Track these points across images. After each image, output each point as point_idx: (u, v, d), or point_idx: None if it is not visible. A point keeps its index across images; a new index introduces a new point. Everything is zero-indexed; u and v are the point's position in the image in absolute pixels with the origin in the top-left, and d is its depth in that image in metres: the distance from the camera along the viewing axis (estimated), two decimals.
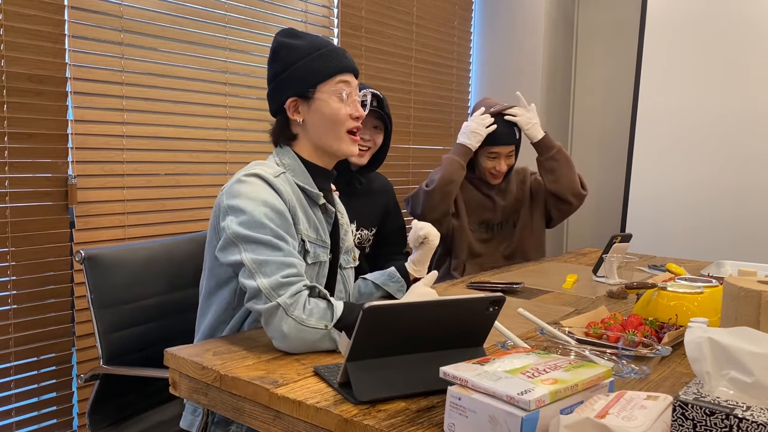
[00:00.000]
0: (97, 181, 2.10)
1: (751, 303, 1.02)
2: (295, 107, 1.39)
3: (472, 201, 2.45)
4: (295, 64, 1.37)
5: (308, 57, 1.37)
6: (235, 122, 2.50)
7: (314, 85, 1.37)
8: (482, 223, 2.47)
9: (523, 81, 3.64)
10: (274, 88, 1.41)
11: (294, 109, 1.39)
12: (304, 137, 1.41)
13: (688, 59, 3.20)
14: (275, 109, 1.43)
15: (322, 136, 1.39)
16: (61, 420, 2.07)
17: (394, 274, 1.61)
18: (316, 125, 1.39)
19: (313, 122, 1.39)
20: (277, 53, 1.40)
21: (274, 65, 1.41)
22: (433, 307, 1.01)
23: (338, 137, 1.39)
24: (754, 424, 0.68)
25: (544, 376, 0.83)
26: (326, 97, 1.37)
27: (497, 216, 2.47)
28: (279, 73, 1.39)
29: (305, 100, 1.38)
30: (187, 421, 1.37)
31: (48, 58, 1.96)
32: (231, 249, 1.25)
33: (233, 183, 1.31)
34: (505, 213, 2.48)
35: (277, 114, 1.44)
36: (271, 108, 1.44)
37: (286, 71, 1.38)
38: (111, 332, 1.60)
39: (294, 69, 1.37)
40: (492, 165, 2.38)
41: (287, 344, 1.18)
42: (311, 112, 1.38)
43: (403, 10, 3.25)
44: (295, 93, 1.38)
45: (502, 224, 2.50)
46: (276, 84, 1.40)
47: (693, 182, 3.20)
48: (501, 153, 2.37)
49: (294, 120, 1.40)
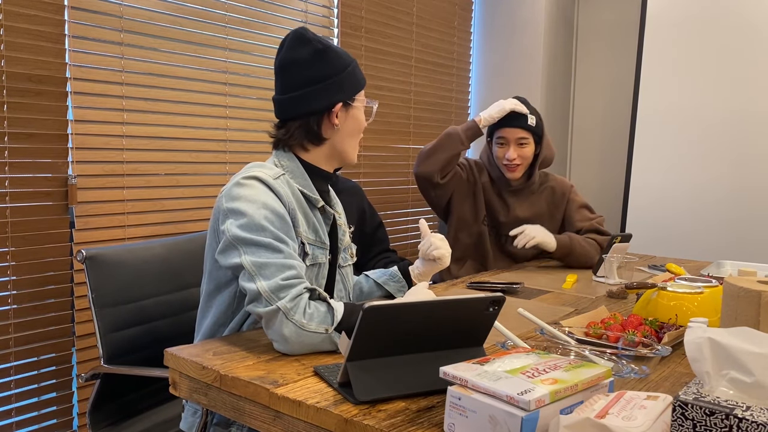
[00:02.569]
0: (97, 181, 2.10)
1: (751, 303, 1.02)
2: (337, 112, 1.40)
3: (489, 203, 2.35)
4: (345, 69, 1.40)
5: (352, 65, 1.42)
6: (235, 122, 2.50)
7: (356, 93, 1.43)
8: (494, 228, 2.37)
9: (523, 81, 3.65)
10: (316, 90, 1.38)
11: (336, 114, 1.40)
12: (329, 142, 1.43)
13: (688, 59, 3.20)
14: (308, 112, 1.39)
15: (347, 143, 1.44)
16: (61, 420, 2.07)
17: (396, 274, 1.61)
18: (347, 132, 1.43)
19: (345, 129, 1.43)
20: (326, 55, 1.38)
21: (319, 66, 1.38)
22: (433, 307, 1.01)
23: (354, 146, 1.46)
24: (754, 424, 0.68)
25: (544, 376, 0.83)
26: (359, 107, 1.44)
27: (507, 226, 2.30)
28: (328, 76, 1.38)
29: (346, 107, 1.41)
30: (187, 423, 1.37)
31: (48, 58, 1.96)
32: (231, 252, 1.25)
33: (232, 186, 1.31)
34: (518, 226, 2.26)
35: (304, 116, 1.39)
36: (301, 109, 1.39)
37: (338, 75, 1.39)
38: (111, 332, 1.60)
39: (345, 74, 1.40)
40: (502, 153, 2.26)
41: (288, 347, 1.18)
42: (348, 119, 1.42)
43: (403, 10, 3.25)
44: (345, 97, 1.40)
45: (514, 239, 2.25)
46: (325, 85, 1.38)
47: (693, 182, 3.20)
48: (509, 138, 2.24)
49: (333, 124, 1.40)
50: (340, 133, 1.42)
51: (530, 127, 2.24)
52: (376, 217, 2.24)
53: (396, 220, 3.33)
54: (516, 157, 2.25)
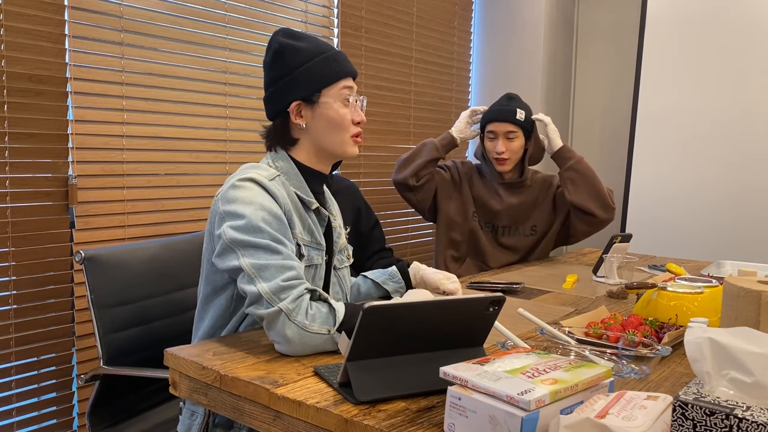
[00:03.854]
0: (97, 181, 2.10)
1: (751, 303, 1.02)
2: (298, 111, 1.38)
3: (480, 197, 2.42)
4: (300, 67, 1.36)
5: (313, 60, 1.36)
6: (235, 122, 2.50)
7: (320, 90, 1.36)
8: (488, 223, 2.43)
9: (523, 81, 3.65)
10: (276, 90, 1.38)
11: (297, 113, 1.38)
12: (306, 141, 1.40)
13: (688, 59, 3.20)
14: (275, 113, 1.41)
15: (326, 140, 1.39)
16: (61, 420, 2.07)
17: (395, 274, 1.60)
18: (320, 130, 1.38)
19: (317, 127, 1.38)
20: (281, 55, 1.37)
21: (277, 67, 1.38)
22: (433, 307, 1.01)
23: (343, 141, 1.40)
24: (754, 424, 0.68)
25: (544, 376, 0.83)
26: (332, 102, 1.37)
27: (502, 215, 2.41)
28: (283, 76, 1.37)
29: (309, 105, 1.37)
30: (184, 426, 1.36)
31: (48, 58, 1.96)
32: (228, 255, 1.24)
33: (228, 188, 1.29)
34: (512, 212, 2.41)
35: (276, 117, 1.41)
36: (270, 111, 1.42)
37: (291, 74, 1.36)
38: (111, 333, 1.60)
39: (299, 72, 1.36)
40: (491, 146, 2.35)
41: (290, 348, 1.17)
42: (315, 117, 1.38)
43: (403, 10, 3.25)
44: (300, 96, 1.37)
45: (510, 228, 2.43)
46: (278, 87, 1.38)
47: (693, 182, 3.20)
48: (498, 132, 2.33)
49: (296, 124, 1.38)
50: (313, 131, 1.39)
51: (518, 121, 2.33)
52: (372, 216, 2.24)
53: (395, 220, 3.33)
54: (504, 150, 2.33)
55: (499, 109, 2.34)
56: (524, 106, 2.37)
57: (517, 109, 2.32)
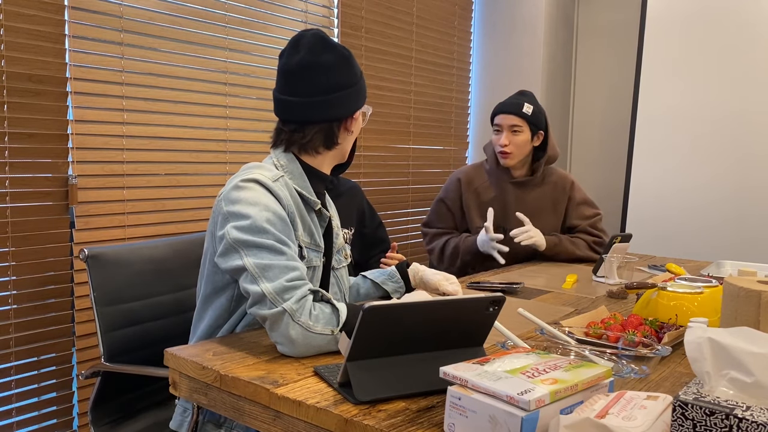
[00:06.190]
0: (97, 181, 2.11)
1: (751, 303, 1.02)
2: (356, 118, 1.44)
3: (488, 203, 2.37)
4: (362, 77, 1.44)
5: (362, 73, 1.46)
6: (235, 122, 2.50)
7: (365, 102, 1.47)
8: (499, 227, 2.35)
9: (523, 81, 3.65)
10: (343, 96, 1.38)
11: (354, 120, 1.43)
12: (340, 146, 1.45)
13: (688, 59, 3.20)
14: (339, 116, 1.39)
15: (348, 147, 1.47)
16: (61, 420, 2.08)
17: (395, 275, 1.60)
18: (352, 137, 1.47)
19: (354, 134, 1.46)
20: (349, 60, 1.39)
21: (345, 72, 1.38)
22: (433, 307, 1.01)
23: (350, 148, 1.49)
24: (754, 424, 0.68)
25: (544, 376, 0.83)
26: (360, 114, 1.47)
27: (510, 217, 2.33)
28: (353, 83, 1.40)
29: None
30: (176, 422, 1.36)
31: (48, 58, 1.96)
32: (231, 255, 1.23)
33: (231, 189, 1.29)
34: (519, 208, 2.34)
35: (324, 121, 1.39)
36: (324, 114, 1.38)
37: (358, 83, 1.41)
38: (112, 330, 1.61)
39: (363, 81, 1.45)
40: (497, 139, 2.33)
41: (294, 349, 1.17)
42: (355, 124, 1.45)
43: (403, 10, 3.25)
44: (363, 104, 1.45)
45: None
46: (347, 93, 1.38)
47: (693, 182, 3.20)
48: (503, 125, 2.30)
49: (350, 130, 1.43)
50: (350, 138, 1.46)
51: (524, 114, 2.28)
52: (375, 217, 2.24)
53: (396, 220, 3.33)
54: (508, 143, 2.29)
55: (507, 102, 2.33)
56: (535, 103, 2.34)
57: (525, 103, 2.29)
